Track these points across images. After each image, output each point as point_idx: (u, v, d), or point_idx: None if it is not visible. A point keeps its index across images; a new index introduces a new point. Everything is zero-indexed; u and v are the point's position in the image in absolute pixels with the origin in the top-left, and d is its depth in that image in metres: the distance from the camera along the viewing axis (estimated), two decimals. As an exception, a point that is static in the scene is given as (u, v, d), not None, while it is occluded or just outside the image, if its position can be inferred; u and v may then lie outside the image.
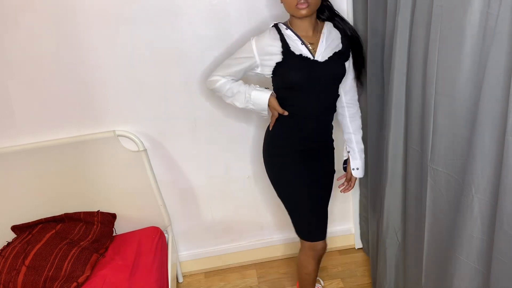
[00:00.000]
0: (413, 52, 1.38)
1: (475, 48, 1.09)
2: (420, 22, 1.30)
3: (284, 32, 1.62)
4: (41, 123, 1.97)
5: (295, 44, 1.60)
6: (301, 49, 1.60)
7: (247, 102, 1.68)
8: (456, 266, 1.29)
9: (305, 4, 1.52)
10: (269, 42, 1.61)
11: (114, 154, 2.03)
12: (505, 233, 1.06)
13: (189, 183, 2.24)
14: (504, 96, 1.03)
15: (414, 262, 1.62)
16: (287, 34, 1.62)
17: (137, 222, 2.18)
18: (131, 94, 1.99)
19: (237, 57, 1.66)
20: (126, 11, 1.84)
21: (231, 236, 2.40)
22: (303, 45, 1.61)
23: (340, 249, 2.48)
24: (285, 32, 1.62)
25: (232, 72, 1.68)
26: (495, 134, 1.08)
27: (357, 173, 1.82)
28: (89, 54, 1.89)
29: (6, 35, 1.81)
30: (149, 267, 1.89)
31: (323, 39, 1.63)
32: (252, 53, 1.62)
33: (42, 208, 2.06)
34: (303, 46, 1.60)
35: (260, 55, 1.62)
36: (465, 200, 1.20)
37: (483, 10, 1.04)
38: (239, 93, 1.68)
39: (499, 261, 1.10)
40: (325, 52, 1.62)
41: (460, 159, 1.22)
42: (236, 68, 1.66)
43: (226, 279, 2.38)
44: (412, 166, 1.51)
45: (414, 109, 1.43)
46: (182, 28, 1.90)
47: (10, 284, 1.73)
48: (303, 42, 1.61)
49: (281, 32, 1.62)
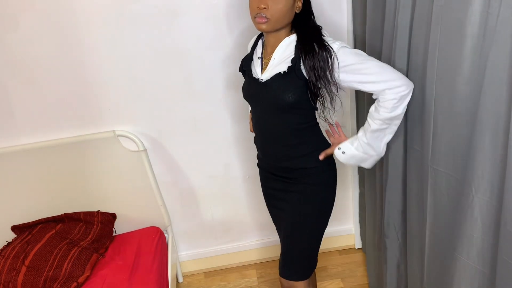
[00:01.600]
0: (413, 52, 1.38)
1: (475, 48, 1.09)
2: (420, 22, 1.30)
3: (260, 41, 1.51)
4: (41, 123, 1.97)
5: (256, 56, 1.49)
6: (255, 63, 1.48)
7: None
8: (456, 266, 1.29)
9: (263, 19, 1.33)
10: (249, 46, 1.58)
11: (114, 154, 2.03)
12: (510, 234, 1.06)
13: (189, 183, 2.24)
14: (504, 96, 1.03)
15: (415, 262, 1.61)
16: (258, 44, 1.50)
17: (137, 222, 2.18)
18: (131, 94, 1.99)
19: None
20: (126, 11, 1.84)
21: (231, 236, 2.40)
22: (260, 59, 1.46)
23: (340, 249, 2.48)
24: (260, 42, 1.51)
25: None
26: (495, 134, 1.08)
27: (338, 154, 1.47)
28: (89, 54, 1.89)
29: (6, 35, 1.81)
30: (149, 267, 1.89)
31: (276, 55, 1.41)
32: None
33: (42, 208, 2.06)
34: (259, 61, 1.46)
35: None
36: (466, 200, 1.20)
37: (483, 10, 1.04)
38: None
39: (504, 262, 1.10)
40: (272, 71, 1.41)
41: (460, 159, 1.22)
42: None
43: (226, 279, 2.38)
44: (413, 166, 1.51)
45: (414, 109, 1.42)
46: (182, 28, 1.90)
47: (10, 284, 1.73)
48: (261, 56, 1.47)
49: (257, 42, 1.52)
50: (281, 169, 1.54)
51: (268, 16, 1.32)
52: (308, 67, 1.34)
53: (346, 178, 2.34)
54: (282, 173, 1.54)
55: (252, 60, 1.51)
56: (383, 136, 1.42)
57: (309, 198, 1.52)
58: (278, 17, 1.33)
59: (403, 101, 1.34)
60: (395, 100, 1.32)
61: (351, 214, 2.44)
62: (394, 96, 1.32)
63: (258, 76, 1.45)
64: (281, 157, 1.51)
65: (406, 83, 1.33)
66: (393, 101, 1.32)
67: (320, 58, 1.34)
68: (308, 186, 1.51)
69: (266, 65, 1.44)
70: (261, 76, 1.44)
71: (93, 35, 1.86)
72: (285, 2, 1.32)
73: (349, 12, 1.95)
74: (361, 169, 2.23)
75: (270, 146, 1.54)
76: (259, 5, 1.31)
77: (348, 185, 2.36)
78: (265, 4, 1.31)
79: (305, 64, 1.35)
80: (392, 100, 1.32)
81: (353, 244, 2.49)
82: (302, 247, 1.58)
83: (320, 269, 2.35)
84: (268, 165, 1.60)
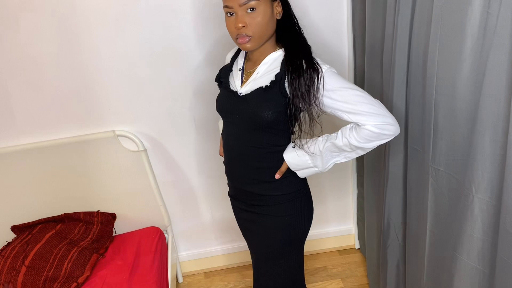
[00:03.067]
0: (413, 52, 1.38)
1: (475, 48, 1.09)
2: (420, 22, 1.30)
3: (242, 52, 1.42)
4: (41, 123, 1.97)
5: (236, 67, 1.40)
6: (234, 74, 1.38)
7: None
8: (456, 266, 1.29)
9: (245, 38, 1.23)
10: (228, 58, 1.48)
11: (114, 154, 2.02)
12: (509, 234, 1.06)
13: (189, 183, 2.24)
14: (504, 95, 1.03)
15: (415, 262, 1.61)
16: (241, 54, 1.42)
17: (137, 222, 2.18)
18: (131, 94, 1.99)
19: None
20: (126, 11, 1.84)
21: (231, 236, 2.40)
22: (241, 71, 1.37)
23: (340, 249, 2.48)
24: (242, 52, 1.42)
25: None
26: (495, 134, 1.08)
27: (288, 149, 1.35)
28: (89, 54, 1.89)
29: (6, 35, 1.81)
30: (149, 267, 1.89)
31: (260, 69, 1.31)
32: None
33: (42, 208, 2.06)
34: (239, 73, 1.37)
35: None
36: (466, 200, 1.20)
37: (483, 10, 1.04)
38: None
39: (503, 262, 1.10)
40: (252, 85, 1.31)
41: (461, 159, 1.22)
42: None
43: (226, 279, 2.38)
44: (413, 166, 1.51)
45: (415, 109, 1.43)
46: (182, 28, 1.90)
47: (10, 284, 1.73)
48: (242, 68, 1.38)
49: (239, 52, 1.44)
50: (248, 194, 1.42)
51: (249, 34, 1.23)
52: (292, 84, 1.23)
53: (346, 179, 2.34)
54: (249, 199, 1.42)
55: (230, 72, 1.41)
56: (338, 155, 1.31)
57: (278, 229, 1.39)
58: (261, 32, 1.24)
59: (381, 139, 1.24)
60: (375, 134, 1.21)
61: (351, 214, 2.44)
62: (377, 130, 1.21)
63: (236, 89, 1.35)
64: (249, 181, 1.39)
65: (396, 125, 1.23)
66: (373, 133, 1.21)
67: (307, 77, 1.22)
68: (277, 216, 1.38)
69: (247, 78, 1.35)
70: (240, 90, 1.33)
71: (93, 35, 1.86)
72: (263, 13, 1.22)
73: (349, 12, 1.95)
74: (361, 169, 2.23)
75: (238, 168, 1.41)
76: (236, 25, 1.22)
77: (348, 186, 2.36)
78: (242, 22, 1.22)
79: (290, 81, 1.24)
80: (372, 132, 1.21)
81: (353, 244, 2.49)
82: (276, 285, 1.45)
83: (320, 269, 2.35)
84: (235, 191, 1.48)
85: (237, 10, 1.22)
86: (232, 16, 1.24)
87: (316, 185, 2.33)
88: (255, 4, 1.20)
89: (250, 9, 1.21)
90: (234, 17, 1.23)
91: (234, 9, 1.22)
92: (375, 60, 1.75)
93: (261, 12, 1.22)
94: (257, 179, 1.38)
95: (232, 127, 1.38)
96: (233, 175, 1.45)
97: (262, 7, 1.22)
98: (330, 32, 1.99)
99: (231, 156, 1.43)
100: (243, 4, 1.20)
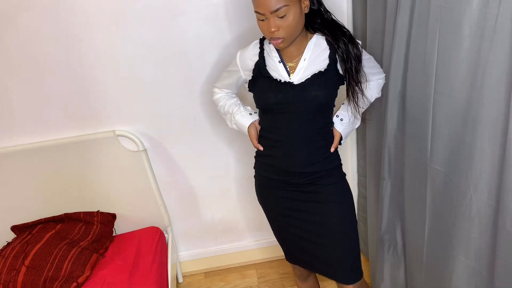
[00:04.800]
0: (412, 52, 1.38)
1: (474, 48, 1.09)
2: (419, 22, 1.31)
3: (267, 46, 1.45)
4: (41, 123, 1.97)
5: (273, 61, 1.43)
6: (277, 67, 1.42)
7: (232, 124, 1.64)
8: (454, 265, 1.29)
9: (279, 40, 1.31)
10: (250, 56, 1.48)
11: (114, 154, 2.03)
12: (508, 233, 1.06)
13: (189, 183, 2.24)
14: (503, 95, 1.03)
15: (413, 261, 1.61)
16: (269, 49, 1.44)
17: (137, 222, 2.18)
18: (131, 94, 1.99)
19: (227, 70, 1.59)
20: (126, 11, 1.84)
21: (231, 236, 2.40)
22: (281, 63, 1.42)
23: (340, 249, 2.47)
24: (267, 46, 1.45)
25: (226, 85, 1.62)
26: (493, 134, 1.08)
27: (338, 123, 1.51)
28: (89, 54, 1.89)
29: (6, 35, 1.82)
30: (149, 267, 1.89)
31: (306, 56, 1.40)
32: (237, 66, 1.51)
33: (42, 208, 2.06)
34: (281, 65, 1.41)
35: (243, 69, 1.50)
36: (464, 200, 1.20)
37: (482, 9, 1.04)
38: (228, 113, 1.64)
39: (503, 261, 1.10)
40: (305, 72, 1.39)
41: (459, 159, 1.22)
42: (228, 81, 1.60)
43: (226, 279, 2.38)
44: (411, 166, 1.51)
45: (413, 108, 1.43)
46: (182, 28, 1.90)
47: (10, 284, 1.73)
48: (281, 60, 1.42)
49: (263, 47, 1.46)
50: (308, 175, 1.47)
51: (282, 36, 1.30)
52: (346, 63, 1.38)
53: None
54: (309, 180, 1.48)
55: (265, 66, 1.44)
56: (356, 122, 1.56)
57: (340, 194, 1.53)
58: (292, 32, 1.31)
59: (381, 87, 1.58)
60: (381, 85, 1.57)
61: (351, 214, 2.43)
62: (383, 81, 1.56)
63: (287, 79, 1.40)
64: (312, 162, 1.46)
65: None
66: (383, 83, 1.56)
67: (354, 54, 1.38)
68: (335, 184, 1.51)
69: (293, 67, 1.41)
70: (291, 79, 1.39)
71: (93, 35, 1.86)
72: (293, 13, 1.28)
73: (349, 12, 1.95)
74: (360, 169, 2.23)
75: (301, 153, 1.45)
76: (270, 29, 1.29)
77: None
78: (275, 27, 1.28)
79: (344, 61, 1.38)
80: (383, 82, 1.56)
81: (353, 244, 2.48)
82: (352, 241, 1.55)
83: (320, 269, 2.35)
84: (288, 178, 1.50)
85: (268, 16, 1.27)
86: (264, 21, 1.30)
87: (316, 185, 2.33)
88: (285, 10, 1.26)
89: (281, 15, 1.27)
90: (267, 22, 1.29)
91: (266, 15, 1.28)
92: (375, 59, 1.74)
93: (291, 16, 1.28)
94: (320, 157, 1.47)
95: (291, 116, 1.42)
96: (293, 162, 1.47)
97: (292, 11, 1.27)
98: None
99: (292, 144, 1.45)
100: (273, 11, 1.26)
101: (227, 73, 1.60)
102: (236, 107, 1.62)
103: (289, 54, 1.42)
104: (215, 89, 1.68)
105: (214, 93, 1.69)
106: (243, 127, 1.58)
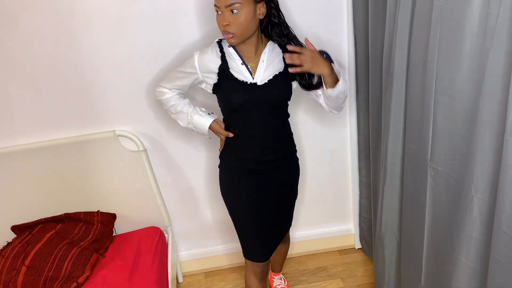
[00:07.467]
0: (413, 52, 1.38)
1: (475, 48, 1.09)
2: (419, 22, 1.31)
3: (226, 50, 1.54)
4: (41, 123, 1.97)
5: (235, 64, 1.53)
6: (241, 69, 1.53)
7: (189, 123, 1.69)
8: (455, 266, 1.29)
9: (229, 35, 1.44)
10: (211, 59, 1.55)
11: (114, 154, 2.03)
12: (504, 234, 1.06)
13: (189, 183, 2.24)
14: (503, 96, 1.03)
15: (413, 262, 1.61)
16: (229, 52, 1.54)
17: (137, 222, 2.18)
18: (131, 94, 1.99)
19: (181, 71, 1.62)
20: (126, 11, 1.84)
21: (231, 236, 2.40)
22: (244, 65, 1.53)
23: (340, 249, 2.48)
24: (227, 50, 1.54)
25: (178, 86, 1.65)
26: (494, 134, 1.08)
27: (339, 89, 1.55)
28: (89, 54, 1.89)
29: (6, 35, 1.81)
30: (149, 267, 1.89)
31: (264, 58, 1.53)
32: (195, 68, 1.57)
33: (42, 208, 2.06)
34: (243, 67, 1.53)
35: (202, 71, 1.57)
36: (465, 200, 1.20)
37: (482, 10, 1.04)
38: (181, 113, 1.68)
39: (496, 262, 1.10)
40: (265, 73, 1.53)
41: (459, 159, 1.22)
42: (182, 82, 1.63)
43: (226, 279, 2.38)
44: (411, 166, 1.51)
45: (414, 108, 1.43)
46: (182, 28, 1.90)
47: (10, 284, 1.73)
48: (243, 62, 1.53)
49: (223, 50, 1.55)
50: (278, 159, 1.67)
51: (232, 31, 1.43)
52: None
53: (347, 179, 2.34)
54: (279, 162, 1.67)
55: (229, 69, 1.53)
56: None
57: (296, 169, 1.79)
58: (242, 31, 1.44)
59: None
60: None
61: (351, 214, 2.43)
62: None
63: (251, 81, 1.52)
64: (282, 148, 1.67)
65: None
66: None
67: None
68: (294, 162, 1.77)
69: (253, 68, 1.53)
70: (255, 80, 1.52)
71: (93, 35, 1.86)
72: (245, 13, 1.40)
73: (349, 12, 1.95)
74: (360, 170, 2.23)
75: (273, 141, 1.62)
76: (222, 23, 1.42)
77: (348, 186, 2.36)
78: (227, 21, 1.41)
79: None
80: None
81: (353, 244, 2.48)
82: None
83: (320, 269, 2.35)
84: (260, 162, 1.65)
85: (223, 10, 1.41)
86: (219, 15, 1.44)
87: (316, 185, 2.33)
88: (238, 7, 1.39)
89: (234, 10, 1.40)
90: (222, 16, 1.43)
91: (221, 9, 1.42)
92: (375, 59, 1.75)
93: (243, 14, 1.41)
94: (286, 144, 1.69)
95: (258, 112, 1.56)
96: (264, 150, 1.62)
97: (245, 9, 1.40)
98: (330, 32, 1.99)
99: (264, 136, 1.60)
100: (227, 6, 1.39)
101: (180, 74, 1.63)
102: (191, 107, 1.70)
103: (248, 55, 1.54)
104: (163, 89, 1.69)
105: (162, 93, 1.70)
106: (203, 126, 1.67)
